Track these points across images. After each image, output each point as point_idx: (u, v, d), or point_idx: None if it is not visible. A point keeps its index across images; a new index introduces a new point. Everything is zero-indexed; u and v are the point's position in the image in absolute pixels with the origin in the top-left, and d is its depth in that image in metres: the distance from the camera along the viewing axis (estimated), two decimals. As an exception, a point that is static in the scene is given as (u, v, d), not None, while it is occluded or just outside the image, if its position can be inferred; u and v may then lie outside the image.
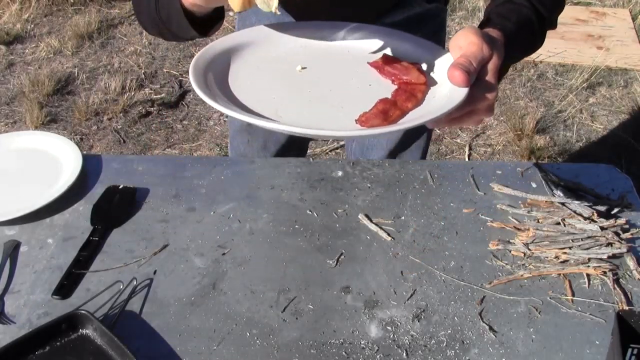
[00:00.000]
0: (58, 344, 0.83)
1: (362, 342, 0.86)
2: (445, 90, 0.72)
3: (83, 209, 1.06)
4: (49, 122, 2.83)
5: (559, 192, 1.07)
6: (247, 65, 0.81)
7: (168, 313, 0.89)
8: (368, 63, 0.80)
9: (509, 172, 1.12)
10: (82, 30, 3.42)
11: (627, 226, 1.00)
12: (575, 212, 1.01)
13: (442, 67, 0.75)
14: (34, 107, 2.83)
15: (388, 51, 0.82)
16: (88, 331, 0.84)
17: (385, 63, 0.79)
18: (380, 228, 1.02)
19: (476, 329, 0.87)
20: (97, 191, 1.09)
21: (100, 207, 1.05)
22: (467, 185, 1.10)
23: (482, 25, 0.87)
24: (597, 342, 0.85)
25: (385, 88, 0.76)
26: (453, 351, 0.84)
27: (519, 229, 1.00)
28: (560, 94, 2.99)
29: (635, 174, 2.43)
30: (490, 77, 0.72)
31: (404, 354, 0.84)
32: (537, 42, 0.94)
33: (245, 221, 1.04)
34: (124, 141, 2.75)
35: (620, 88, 3.04)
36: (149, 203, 1.07)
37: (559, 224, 1.00)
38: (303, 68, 0.80)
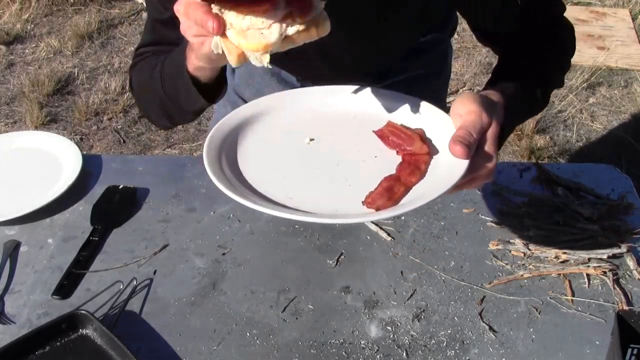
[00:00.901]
0: (58, 344, 0.83)
1: (362, 342, 0.85)
2: (447, 160, 0.75)
3: (83, 209, 1.06)
4: (49, 122, 2.83)
5: (559, 192, 1.06)
6: (257, 140, 0.83)
7: (168, 313, 0.89)
8: (373, 131, 0.82)
9: (509, 172, 1.12)
10: (82, 30, 3.41)
11: (627, 226, 1.00)
12: (575, 212, 1.01)
13: (444, 132, 0.77)
14: (34, 107, 2.83)
15: (393, 116, 0.84)
16: (88, 331, 0.84)
17: (390, 132, 0.81)
18: (380, 228, 1.02)
19: (476, 329, 0.87)
20: (97, 191, 1.09)
21: (100, 207, 1.05)
22: (467, 185, 1.10)
23: (487, 85, 0.89)
24: (597, 342, 0.85)
25: (390, 159, 0.78)
26: (453, 351, 0.84)
27: (519, 229, 1.00)
28: (560, 94, 2.99)
29: (635, 174, 2.42)
30: (489, 146, 0.74)
31: (404, 354, 0.84)
32: (541, 102, 0.95)
33: (245, 221, 1.04)
34: (124, 141, 2.75)
35: (621, 88, 3.04)
36: (149, 203, 1.07)
37: (559, 224, 1.00)
38: (311, 140, 0.82)
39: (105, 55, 3.29)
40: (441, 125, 0.80)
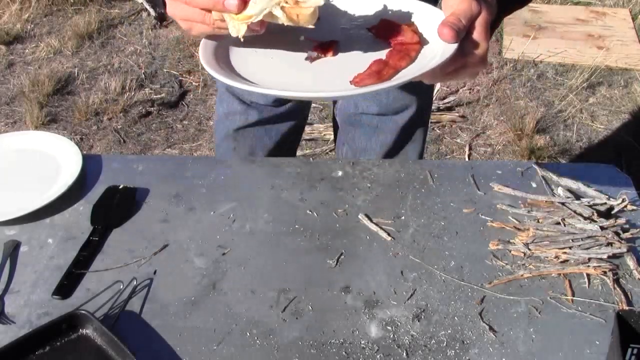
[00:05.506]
0: (58, 344, 0.83)
1: (362, 342, 0.86)
2: (438, 48, 0.77)
3: (83, 209, 1.06)
4: (49, 122, 2.83)
5: (559, 192, 1.07)
6: (251, 39, 0.84)
7: (168, 313, 0.89)
8: (367, 29, 0.84)
9: (509, 172, 1.12)
10: (82, 30, 3.41)
11: (627, 226, 1.00)
12: (575, 212, 1.01)
13: (436, 27, 0.80)
14: (34, 107, 2.83)
15: (386, 15, 0.86)
16: (88, 331, 0.84)
17: (383, 27, 0.83)
18: (380, 228, 1.02)
19: (476, 329, 0.87)
20: (97, 191, 1.09)
21: (100, 207, 1.05)
22: (467, 185, 1.10)
23: None
24: (597, 342, 0.85)
25: (382, 51, 0.80)
26: (453, 351, 0.84)
27: (519, 229, 1.00)
28: (560, 93, 2.99)
29: (635, 174, 2.43)
30: (478, 33, 0.76)
31: (404, 354, 0.84)
32: None
33: (245, 221, 1.04)
34: (124, 141, 2.75)
35: (621, 88, 3.04)
36: (149, 203, 1.07)
37: (559, 224, 1.00)
38: (306, 38, 0.84)
39: (105, 55, 3.29)
40: (434, 20, 0.81)
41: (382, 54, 0.79)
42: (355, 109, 1.33)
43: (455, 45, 0.74)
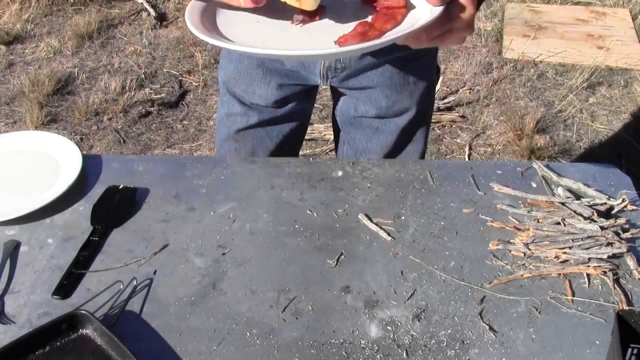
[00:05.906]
0: (58, 344, 0.83)
1: (362, 342, 0.86)
2: (424, 12, 0.78)
3: (83, 209, 1.06)
4: (49, 122, 2.83)
5: (559, 192, 1.07)
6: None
7: (168, 313, 0.89)
8: None
9: (509, 172, 1.12)
10: (82, 30, 3.42)
11: (627, 226, 1.00)
12: (575, 212, 1.01)
13: None
14: (34, 107, 2.83)
15: None
16: (88, 331, 0.84)
17: None
18: (380, 228, 1.02)
19: (476, 329, 0.87)
20: (97, 191, 1.09)
21: (100, 207, 1.05)
22: (467, 185, 1.10)
23: None
24: (597, 342, 0.85)
25: (368, 15, 0.81)
26: (453, 351, 0.84)
27: (519, 229, 1.00)
28: (560, 93, 2.99)
29: (635, 174, 2.43)
30: None
31: (404, 354, 0.84)
32: None
33: (245, 221, 1.04)
34: (124, 141, 2.75)
35: (621, 88, 3.04)
36: (149, 203, 1.07)
37: (559, 224, 1.00)
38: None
39: (105, 55, 3.29)
40: None
41: (368, 19, 0.80)
42: (355, 112, 1.33)
43: (441, 8, 0.75)
